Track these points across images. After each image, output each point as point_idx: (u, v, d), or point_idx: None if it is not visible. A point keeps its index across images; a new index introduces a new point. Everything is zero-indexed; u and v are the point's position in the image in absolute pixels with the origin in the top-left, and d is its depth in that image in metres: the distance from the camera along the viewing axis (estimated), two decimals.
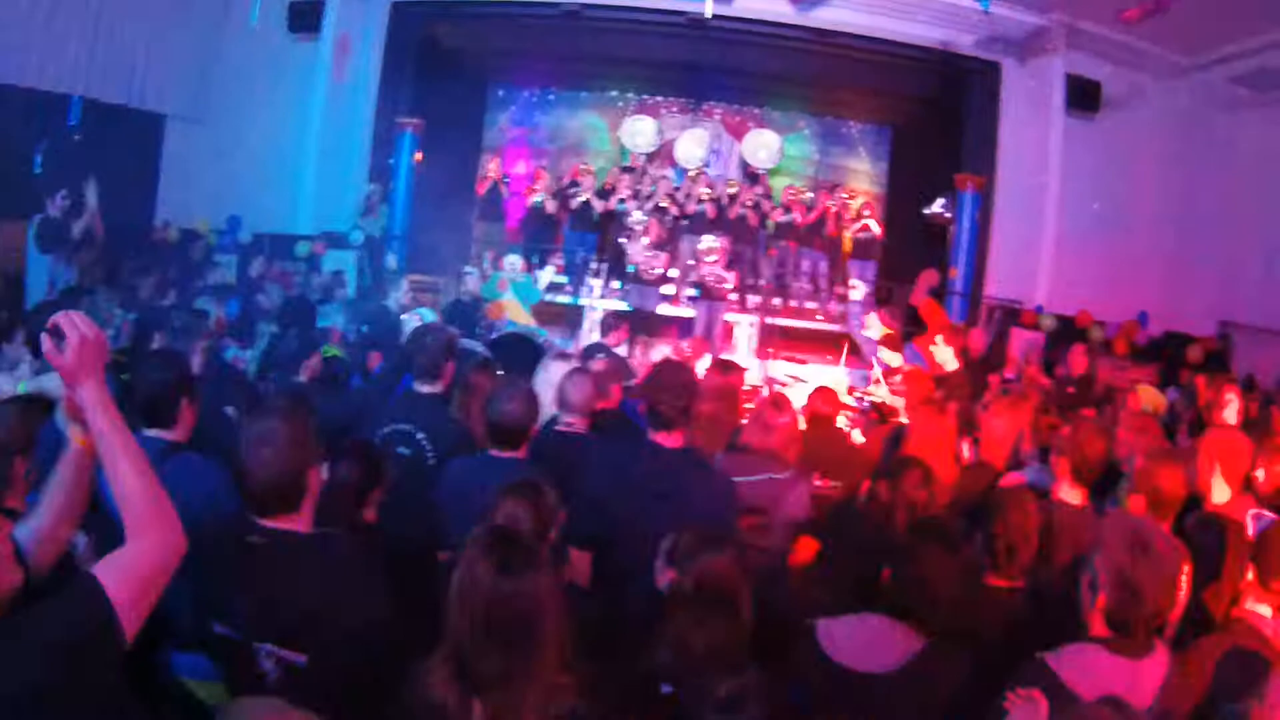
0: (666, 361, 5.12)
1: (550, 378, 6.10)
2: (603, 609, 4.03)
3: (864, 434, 8.68)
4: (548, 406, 5.78)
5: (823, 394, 6.95)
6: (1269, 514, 4.78)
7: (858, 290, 17.61)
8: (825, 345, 17.02)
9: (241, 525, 3.27)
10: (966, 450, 6.57)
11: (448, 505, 4.78)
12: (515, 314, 12.40)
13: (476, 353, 7.83)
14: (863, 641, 3.47)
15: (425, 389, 5.76)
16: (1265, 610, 3.91)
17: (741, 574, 3.47)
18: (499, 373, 6.58)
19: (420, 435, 5.47)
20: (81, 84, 13.86)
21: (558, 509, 3.93)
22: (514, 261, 14.15)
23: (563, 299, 16.51)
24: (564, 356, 6.79)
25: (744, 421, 6.06)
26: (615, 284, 16.87)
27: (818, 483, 6.07)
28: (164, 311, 8.41)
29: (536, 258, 17.14)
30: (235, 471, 3.29)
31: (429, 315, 10.02)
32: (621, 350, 9.83)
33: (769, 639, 3.45)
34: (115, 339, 7.94)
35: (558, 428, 5.73)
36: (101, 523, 3.24)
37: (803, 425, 6.75)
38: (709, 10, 12.98)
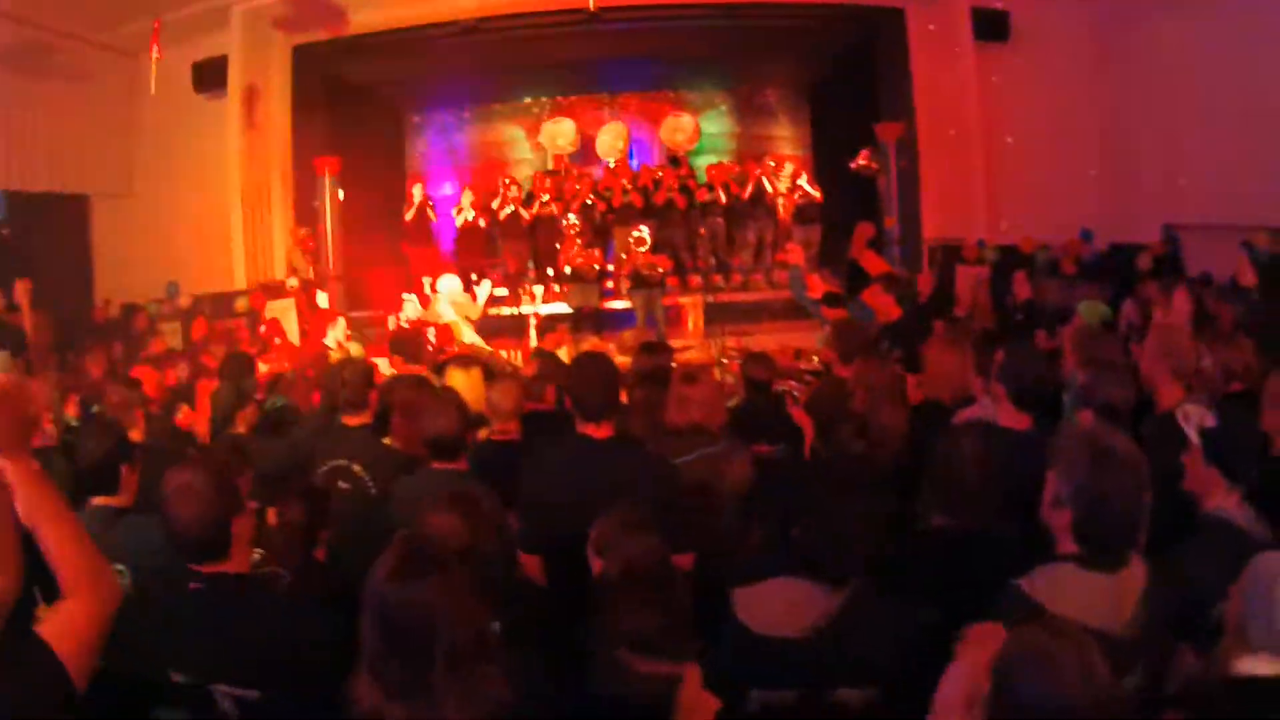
0: (586, 353, 5.08)
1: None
2: (562, 607, 4.01)
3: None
4: None
5: (756, 360, 6.88)
6: (1197, 413, 4.73)
7: (795, 254, 17.63)
8: (773, 315, 17.07)
9: (184, 574, 3.33)
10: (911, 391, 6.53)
11: (400, 526, 4.72)
12: (459, 333, 12.31)
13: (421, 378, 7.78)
14: (778, 605, 3.28)
15: (354, 421, 5.75)
16: (1230, 503, 3.80)
17: (667, 557, 3.42)
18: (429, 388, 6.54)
19: (356, 467, 5.46)
20: (2, 177, 13.80)
21: (496, 517, 3.86)
22: (451, 282, 14.07)
23: (505, 310, 16.51)
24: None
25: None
26: (555, 288, 16.85)
27: (760, 449, 6.03)
28: (104, 387, 8.44)
29: (473, 274, 17.04)
30: (164, 525, 3.33)
31: (355, 349, 9.99)
32: (563, 352, 9.78)
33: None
34: (59, 421, 7.94)
35: (492, 436, 5.74)
36: None
37: (741, 394, 6.76)
38: (592, 2, 13.00)
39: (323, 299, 15.74)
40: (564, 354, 9.44)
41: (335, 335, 10.86)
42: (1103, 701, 2.34)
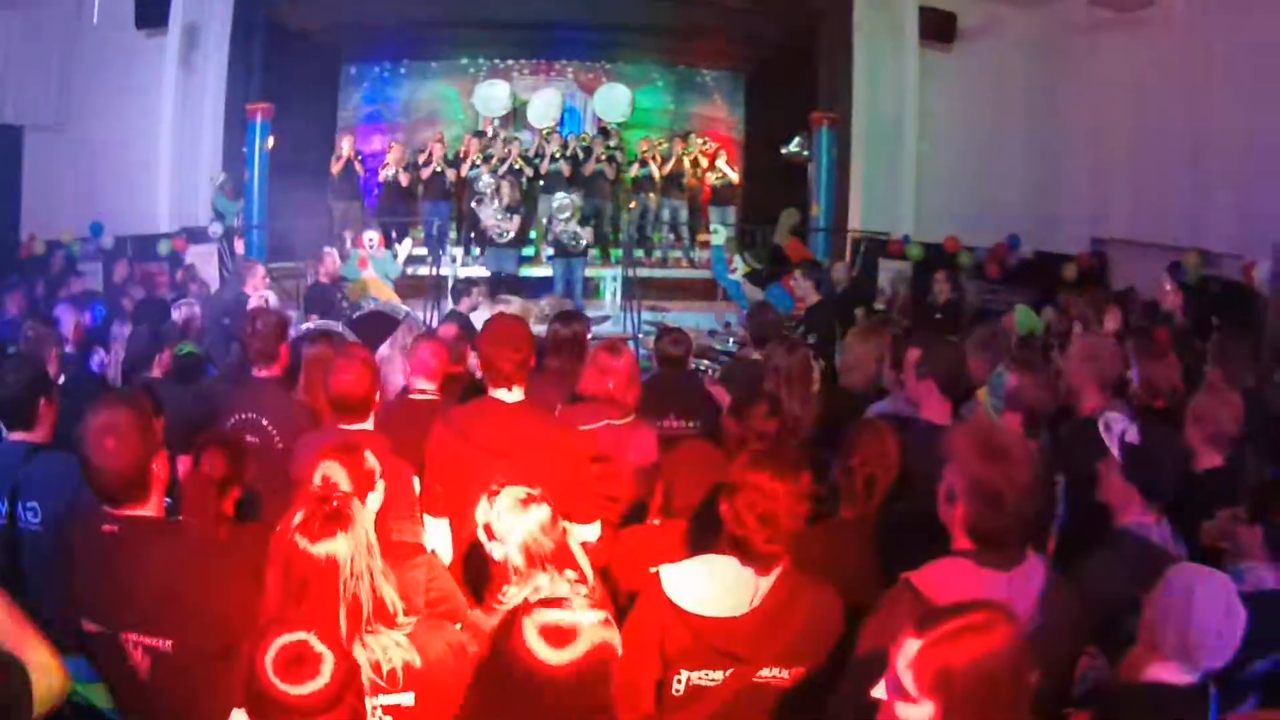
0: (498, 316, 5.07)
1: (403, 348, 6.06)
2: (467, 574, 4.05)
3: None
4: (403, 377, 5.82)
5: (670, 335, 6.91)
6: (1119, 420, 4.82)
7: (719, 235, 17.72)
8: (691, 292, 17.15)
9: (97, 517, 3.32)
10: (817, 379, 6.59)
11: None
12: (377, 290, 12.25)
13: (333, 332, 7.73)
14: (709, 585, 3.26)
15: (263, 373, 5.73)
16: (1147, 517, 3.87)
17: (562, 534, 3.47)
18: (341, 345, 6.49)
19: (265, 421, 5.42)
20: None
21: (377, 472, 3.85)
22: (372, 238, 14.00)
23: (424, 271, 16.42)
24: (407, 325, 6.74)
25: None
26: (476, 251, 16.86)
27: (673, 424, 6.08)
28: (20, 324, 8.43)
29: (395, 232, 17.05)
30: (82, 465, 3.33)
31: (271, 299, 9.90)
32: (477, 316, 9.75)
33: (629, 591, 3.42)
34: None
35: (410, 395, 5.73)
36: None
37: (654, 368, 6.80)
38: None
39: (240, 248, 15.59)
40: (477, 318, 9.42)
41: (253, 284, 10.72)
42: None
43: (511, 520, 3.52)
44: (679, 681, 3.24)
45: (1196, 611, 2.90)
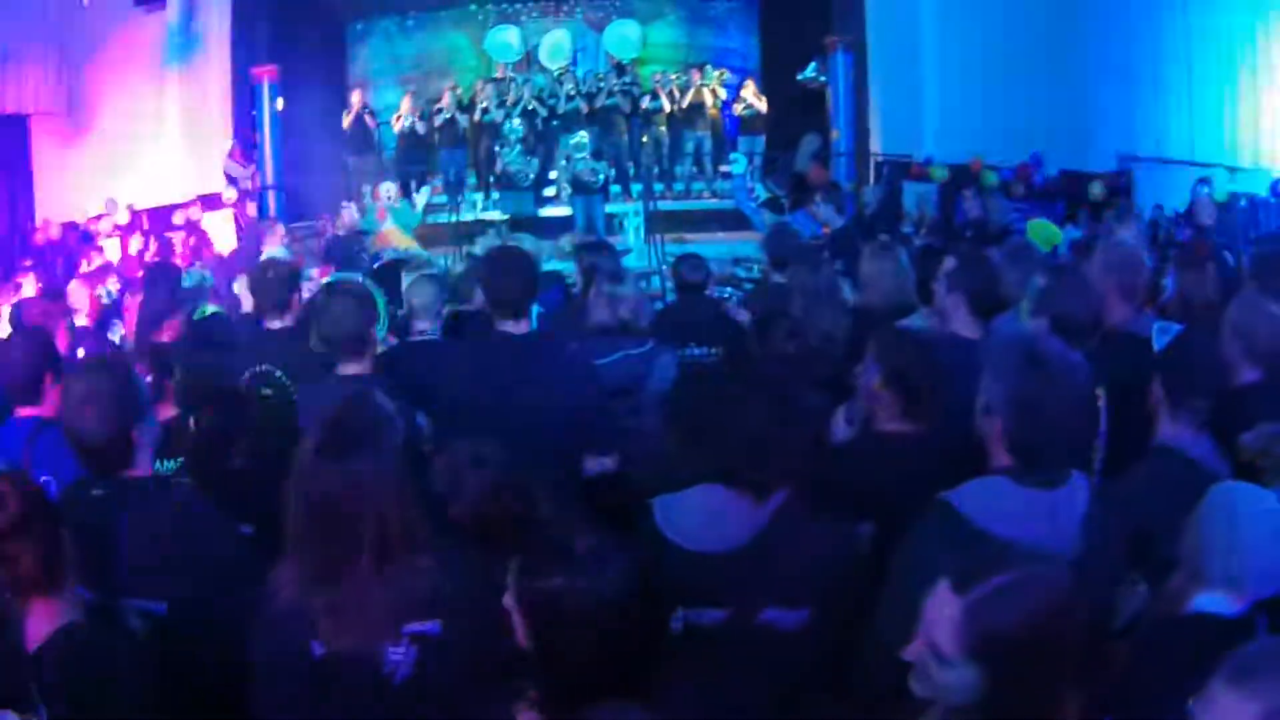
0: (501, 248, 4.97)
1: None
2: None
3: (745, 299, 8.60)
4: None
5: (688, 261, 6.79)
6: (1176, 325, 4.64)
7: (739, 164, 17.55)
8: (715, 222, 17.03)
9: (85, 483, 3.26)
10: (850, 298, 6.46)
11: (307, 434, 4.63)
12: (398, 240, 12.19)
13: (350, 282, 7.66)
14: (703, 517, 3.04)
15: (275, 324, 5.59)
16: (1185, 431, 3.68)
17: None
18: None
19: (279, 373, 5.32)
20: None
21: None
22: (389, 189, 13.93)
23: (444, 218, 16.43)
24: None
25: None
26: (495, 195, 16.87)
27: (694, 352, 5.97)
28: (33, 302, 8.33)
29: (414, 182, 17.04)
30: (65, 433, 3.26)
31: (282, 253, 9.83)
32: None
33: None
34: None
35: (409, 337, 5.66)
36: None
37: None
38: None
39: (253, 210, 15.61)
40: None
41: (271, 243, 10.66)
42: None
43: None
44: (677, 620, 2.97)
45: (1242, 535, 2.73)
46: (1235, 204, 11.66)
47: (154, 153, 16.39)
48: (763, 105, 18.72)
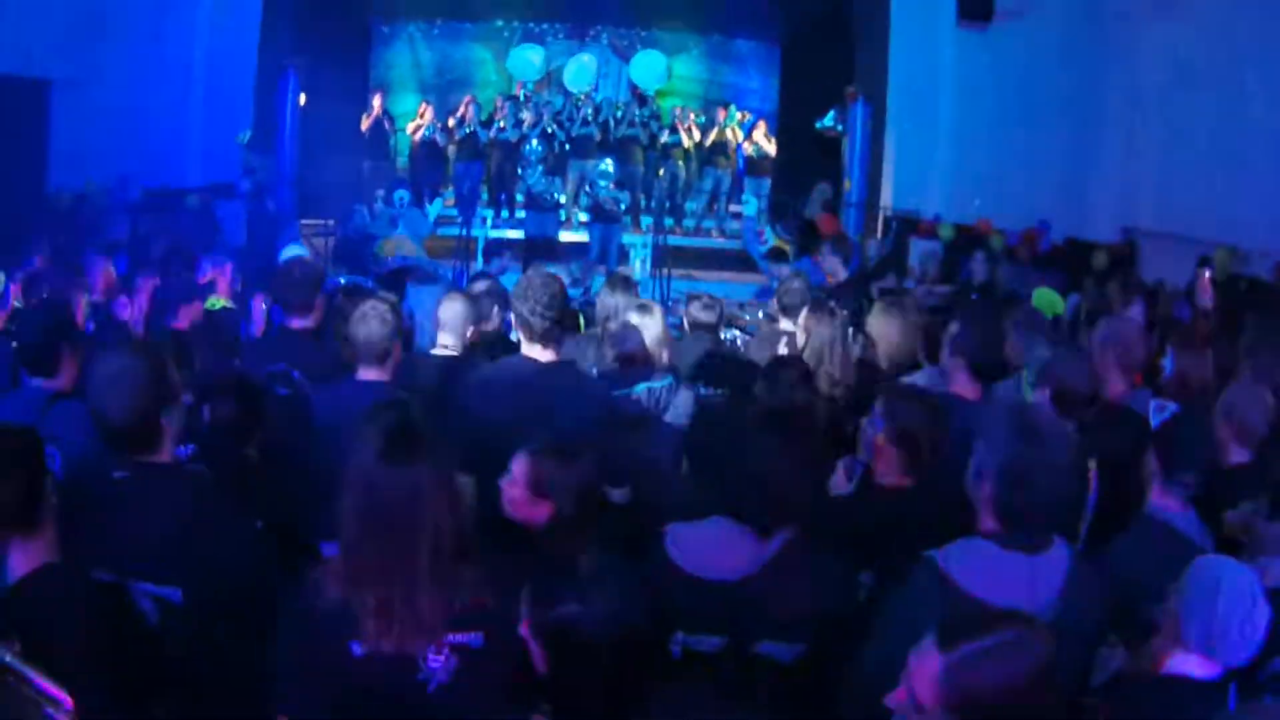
0: (534, 273, 5.03)
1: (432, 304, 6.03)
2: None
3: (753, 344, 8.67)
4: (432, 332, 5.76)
5: (701, 300, 6.88)
6: (1172, 404, 4.77)
7: (750, 206, 17.66)
8: (721, 263, 17.10)
9: (106, 463, 3.25)
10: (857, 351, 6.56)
11: (322, 432, 4.70)
12: (406, 248, 12.26)
13: (364, 286, 7.73)
14: (712, 548, 3.21)
15: (297, 324, 5.64)
16: (1173, 504, 3.82)
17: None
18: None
19: (296, 373, 5.39)
20: None
21: None
22: (402, 196, 14.00)
23: (453, 231, 16.34)
24: (432, 280, 6.70)
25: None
26: (509, 214, 16.85)
27: (702, 390, 6.05)
28: (48, 272, 8.31)
29: (426, 191, 17.12)
30: (91, 412, 3.26)
31: (301, 251, 9.90)
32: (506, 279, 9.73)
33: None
34: (3, 303, 7.80)
35: (433, 350, 5.68)
36: None
37: (685, 334, 6.77)
38: None
39: (269, 204, 15.62)
40: (509, 279, 9.40)
41: (285, 239, 10.72)
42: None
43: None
44: (675, 644, 3.18)
45: (1223, 604, 2.84)
46: (1236, 283, 11.76)
47: (171, 133, 16.26)
48: (771, 148, 18.80)
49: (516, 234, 15.72)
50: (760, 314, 10.58)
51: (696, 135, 18.54)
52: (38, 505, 2.80)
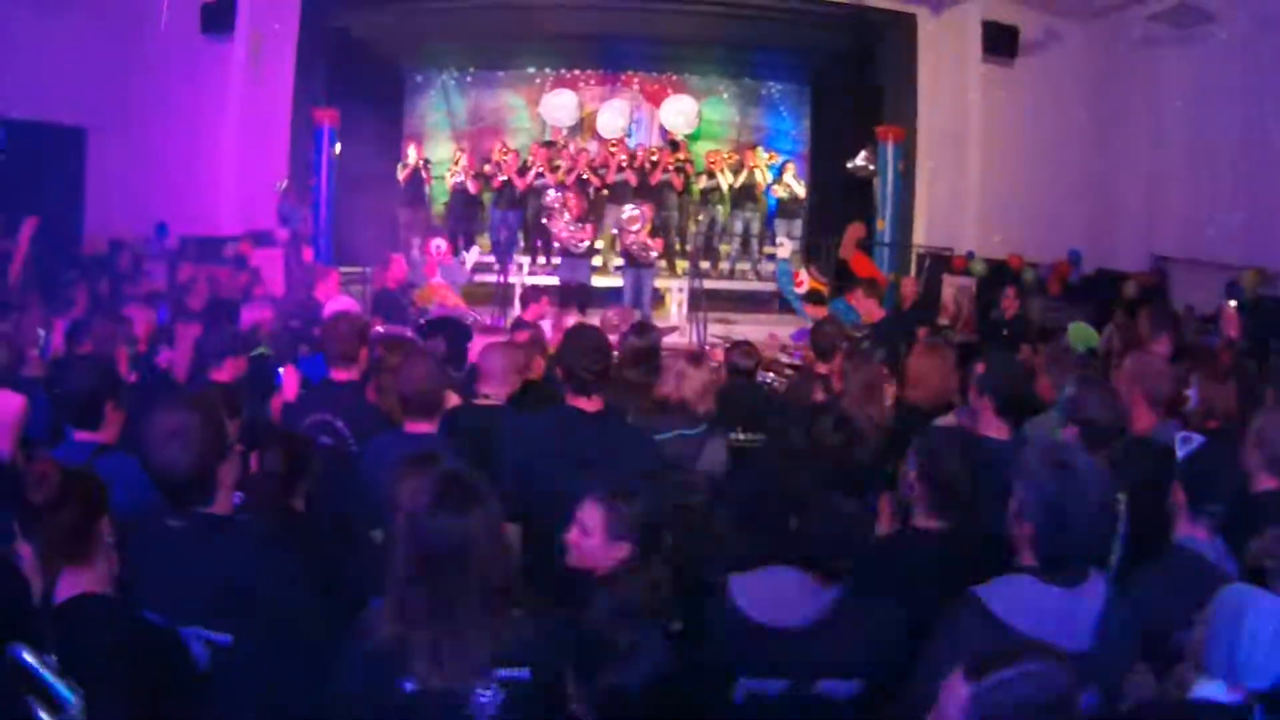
0: (579, 325, 5.10)
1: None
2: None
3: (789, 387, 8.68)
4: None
5: (740, 347, 6.93)
6: (1198, 436, 4.78)
7: (784, 248, 17.68)
8: (757, 305, 17.12)
9: (162, 513, 3.33)
10: (890, 395, 6.58)
11: (370, 486, 4.75)
12: (444, 297, 12.34)
13: (404, 338, 7.78)
14: (776, 596, 3.31)
15: (341, 375, 5.71)
16: (1201, 534, 3.85)
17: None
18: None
19: (340, 423, 5.45)
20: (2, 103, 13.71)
21: None
22: (439, 244, 14.09)
23: (490, 278, 16.51)
24: (489, 331, 6.75)
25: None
26: (541, 260, 17.06)
27: (740, 436, 6.08)
28: (90, 322, 8.37)
29: (461, 239, 17.21)
30: (148, 465, 3.31)
31: (347, 302, 9.97)
32: (545, 324, 9.77)
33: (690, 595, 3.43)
34: (44, 352, 7.87)
35: (476, 401, 5.73)
36: None
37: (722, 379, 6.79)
38: None
39: (308, 253, 15.71)
40: (546, 326, 9.44)
41: (324, 289, 10.77)
42: None
43: None
44: (740, 691, 3.27)
45: (1247, 631, 2.86)
46: (1264, 307, 11.72)
47: (206, 181, 16.44)
48: (801, 190, 18.82)
49: (551, 280, 15.73)
50: (796, 355, 10.59)
51: (730, 178, 18.56)
52: (89, 538, 2.87)
